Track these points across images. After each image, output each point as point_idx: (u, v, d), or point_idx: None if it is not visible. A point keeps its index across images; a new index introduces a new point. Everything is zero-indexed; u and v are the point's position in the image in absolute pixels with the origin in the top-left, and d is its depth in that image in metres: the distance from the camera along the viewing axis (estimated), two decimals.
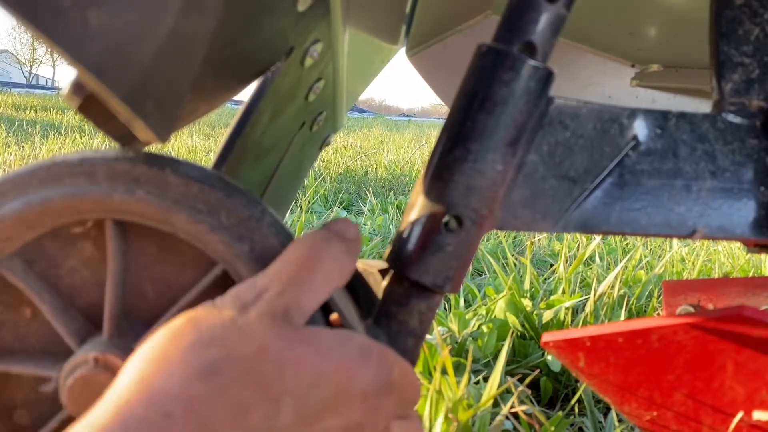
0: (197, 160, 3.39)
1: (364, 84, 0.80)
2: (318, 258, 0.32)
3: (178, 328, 0.28)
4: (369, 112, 28.08)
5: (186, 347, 0.27)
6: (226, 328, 0.28)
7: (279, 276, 0.31)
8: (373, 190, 2.81)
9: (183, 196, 0.32)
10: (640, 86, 0.79)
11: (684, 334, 0.46)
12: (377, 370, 0.31)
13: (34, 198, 0.32)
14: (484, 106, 0.35)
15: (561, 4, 0.35)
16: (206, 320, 0.29)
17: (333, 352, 0.30)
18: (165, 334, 0.28)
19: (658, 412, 0.51)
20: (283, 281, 0.31)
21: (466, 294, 1.30)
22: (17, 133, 4.10)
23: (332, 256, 0.33)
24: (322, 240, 0.33)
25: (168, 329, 0.29)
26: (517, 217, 0.38)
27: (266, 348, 0.28)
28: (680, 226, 0.39)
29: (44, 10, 0.20)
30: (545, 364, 0.99)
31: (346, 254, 0.33)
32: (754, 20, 0.40)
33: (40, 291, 0.33)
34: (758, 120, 0.39)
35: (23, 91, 15.05)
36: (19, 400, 0.35)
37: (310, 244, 0.33)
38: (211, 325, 0.28)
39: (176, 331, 0.28)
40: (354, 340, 0.31)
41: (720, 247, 1.89)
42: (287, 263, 0.32)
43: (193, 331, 0.28)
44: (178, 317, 0.29)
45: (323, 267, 0.32)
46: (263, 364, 0.28)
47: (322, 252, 0.32)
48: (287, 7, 0.38)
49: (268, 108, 0.42)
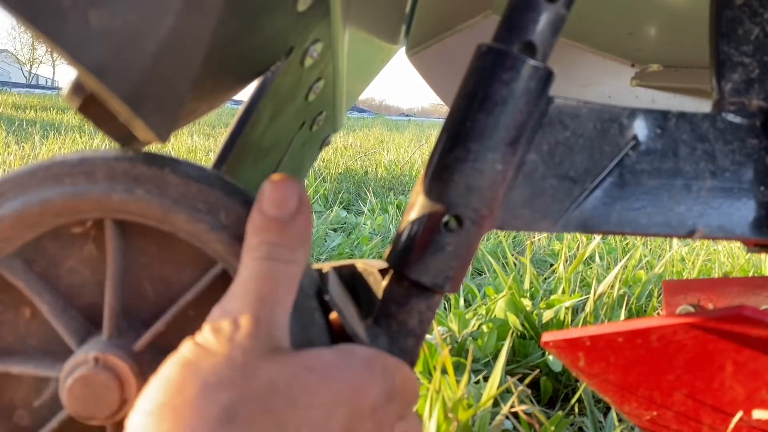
0: (197, 159, 3.39)
1: (364, 84, 0.80)
2: (270, 261, 0.31)
3: (176, 379, 0.27)
4: (369, 111, 28.09)
5: (195, 398, 0.26)
6: (227, 368, 0.27)
7: (246, 296, 0.30)
8: (373, 189, 2.81)
9: (182, 196, 0.32)
10: (640, 86, 0.79)
11: (684, 334, 0.46)
12: (383, 382, 0.31)
13: (33, 198, 0.32)
14: (484, 106, 0.35)
15: (561, 4, 0.35)
16: (202, 363, 0.28)
17: (339, 374, 0.29)
18: (165, 389, 0.27)
19: (658, 412, 0.51)
20: (251, 302, 0.30)
21: (466, 294, 1.30)
22: (17, 132, 4.10)
23: (283, 256, 0.31)
24: (268, 244, 0.31)
25: (165, 383, 0.27)
26: (517, 216, 0.38)
27: (274, 383, 0.27)
28: (680, 225, 0.39)
29: (44, 10, 0.20)
30: (545, 363, 0.99)
31: (298, 240, 0.31)
32: (754, 20, 0.40)
33: (40, 291, 0.33)
34: (758, 120, 0.39)
35: (23, 90, 15.05)
36: (19, 400, 0.35)
37: (257, 253, 0.31)
38: (211, 368, 0.27)
39: (177, 383, 0.27)
40: (355, 355, 0.31)
41: (720, 246, 1.89)
42: (246, 281, 0.30)
43: (195, 378, 0.27)
44: (165, 367, 0.28)
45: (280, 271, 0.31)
46: (276, 400, 0.27)
47: (271, 254, 0.31)
48: (287, 6, 0.38)
49: (268, 108, 0.42)
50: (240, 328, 0.29)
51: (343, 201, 2.51)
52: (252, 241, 0.31)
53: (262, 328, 0.29)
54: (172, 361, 0.28)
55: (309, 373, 0.29)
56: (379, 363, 0.31)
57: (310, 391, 0.28)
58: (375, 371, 0.31)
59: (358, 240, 1.80)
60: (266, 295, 0.30)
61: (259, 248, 0.31)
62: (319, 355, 0.30)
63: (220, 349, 0.28)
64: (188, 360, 0.28)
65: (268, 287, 0.30)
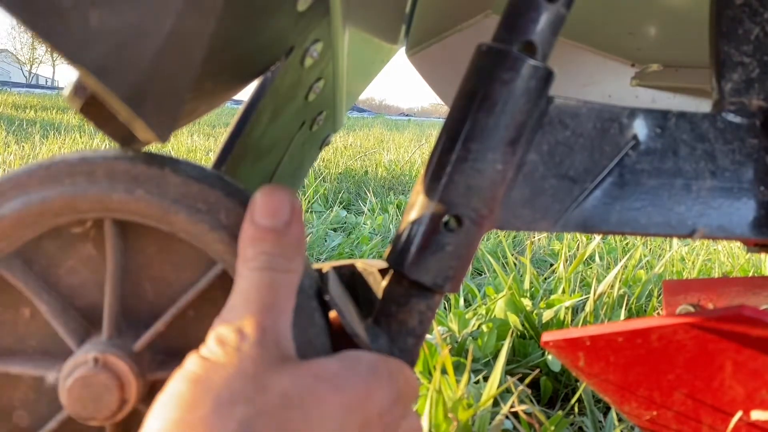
0: (197, 159, 3.39)
1: (364, 83, 0.80)
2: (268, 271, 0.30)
3: (187, 395, 0.27)
4: (369, 111, 28.08)
5: (210, 414, 0.26)
6: (239, 380, 0.27)
7: (248, 305, 0.29)
8: (373, 189, 2.80)
9: (182, 196, 0.32)
10: (640, 86, 0.79)
11: (684, 334, 0.46)
12: (389, 387, 0.31)
13: (33, 198, 0.32)
14: (484, 106, 0.35)
15: (561, 4, 0.35)
16: (212, 377, 0.27)
17: (348, 383, 0.29)
18: (177, 406, 0.26)
19: (657, 412, 0.51)
20: (254, 311, 0.29)
21: (466, 293, 1.30)
22: (17, 132, 4.10)
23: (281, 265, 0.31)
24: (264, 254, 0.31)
25: (176, 400, 0.27)
26: (517, 216, 0.38)
27: (288, 395, 0.27)
28: (680, 225, 0.39)
29: (45, 11, 0.20)
30: (545, 363, 0.99)
31: (294, 248, 0.31)
32: (754, 19, 0.40)
33: (39, 291, 0.33)
34: (758, 119, 0.39)
35: (23, 90, 15.04)
36: (18, 400, 0.35)
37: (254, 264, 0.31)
38: (223, 382, 0.27)
39: (188, 400, 0.26)
40: (361, 362, 0.31)
41: (720, 246, 1.89)
42: (246, 291, 0.30)
43: (207, 393, 0.26)
44: (172, 383, 0.28)
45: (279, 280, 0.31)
46: (290, 412, 0.27)
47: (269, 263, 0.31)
48: (287, 6, 0.38)
49: (268, 108, 0.42)
50: (246, 337, 0.29)
51: (343, 201, 2.51)
52: (248, 252, 0.31)
53: (268, 336, 0.29)
54: (179, 377, 0.28)
55: (320, 383, 0.28)
56: (384, 368, 0.31)
57: (322, 402, 0.28)
58: (381, 377, 0.31)
59: (358, 240, 1.80)
60: (268, 303, 0.30)
61: (256, 259, 0.31)
62: (328, 365, 0.30)
63: (229, 360, 0.28)
64: (197, 375, 0.27)
65: (269, 296, 0.30)
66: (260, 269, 0.30)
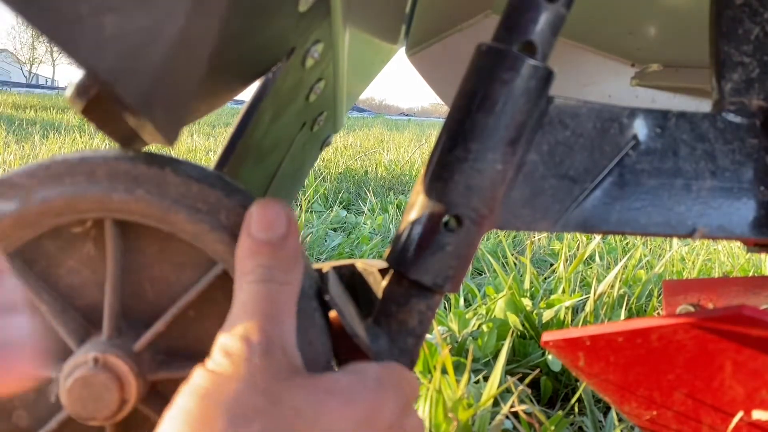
0: (197, 159, 3.39)
1: (364, 84, 0.80)
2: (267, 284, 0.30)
3: (198, 411, 0.26)
4: (369, 111, 28.08)
5: (225, 431, 0.25)
6: (250, 394, 0.27)
7: (251, 317, 0.29)
8: (373, 189, 2.80)
9: (183, 196, 0.32)
10: (640, 86, 0.79)
11: (684, 334, 0.46)
12: (396, 398, 0.31)
13: (33, 197, 0.32)
14: (483, 106, 0.35)
15: (561, 4, 0.35)
16: (222, 391, 0.27)
17: (358, 397, 0.29)
18: (187, 423, 0.26)
19: (657, 412, 0.51)
20: (258, 321, 0.29)
21: (466, 293, 1.30)
22: (17, 132, 4.10)
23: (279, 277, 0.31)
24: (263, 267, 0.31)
25: (186, 416, 0.26)
26: (517, 216, 0.38)
27: (301, 410, 0.27)
28: (680, 225, 0.39)
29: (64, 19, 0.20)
30: (545, 363, 0.99)
31: (291, 260, 0.31)
32: (754, 19, 0.40)
33: (40, 291, 0.33)
34: (758, 119, 0.39)
35: (23, 90, 15.04)
36: (18, 400, 0.35)
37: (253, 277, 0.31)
38: (234, 396, 0.26)
39: (199, 416, 0.26)
40: (368, 375, 0.31)
41: (720, 246, 1.89)
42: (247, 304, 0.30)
43: (219, 408, 0.26)
44: (180, 398, 0.27)
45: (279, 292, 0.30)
46: (304, 427, 0.27)
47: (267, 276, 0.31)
48: (288, 7, 0.38)
49: (269, 109, 0.42)
50: (253, 347, 0.28)
51: (343, 201, 2.51)
52: (246, 266, 0.31)
53: (275, 346, 0.29)
54: (187, 392, 0.27)
55: (331, 398, 0.28)
56: (389, 379, 0.31)
57: (334, 417, 0.28)
58: (388, 389, 0.31)
59: (358, 240, 1.80)
60: (269, 314, 0.30)
61: (254, 272, 0.31)
62: (337, 380, 0.30)
63: (237, 372, 0.27)
64: (206, 389, 0.27)
65: (269, 308, 0.30)
66: (258, 282, 0.30)
